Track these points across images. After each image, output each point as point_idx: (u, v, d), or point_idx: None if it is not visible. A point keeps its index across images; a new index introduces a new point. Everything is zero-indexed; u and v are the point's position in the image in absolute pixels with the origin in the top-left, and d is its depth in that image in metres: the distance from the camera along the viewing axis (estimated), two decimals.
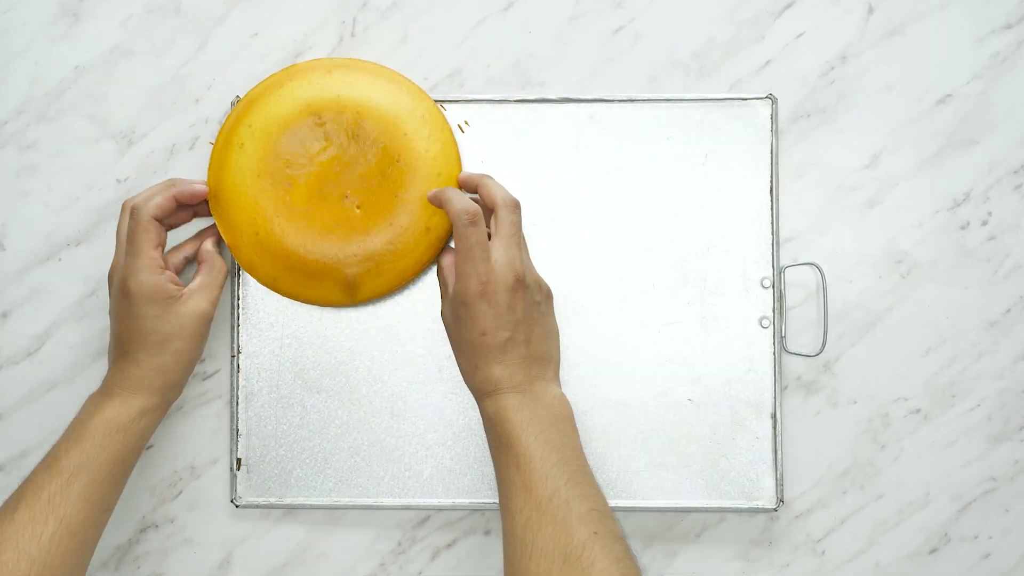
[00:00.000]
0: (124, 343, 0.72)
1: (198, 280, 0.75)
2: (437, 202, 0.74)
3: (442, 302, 0.76)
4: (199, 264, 0.76)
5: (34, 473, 0.69)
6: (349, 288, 0.77)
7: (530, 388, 0.71)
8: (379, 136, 0.76)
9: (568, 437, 0.70)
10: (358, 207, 0.76)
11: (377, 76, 0.78)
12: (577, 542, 0.64)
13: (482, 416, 0.72)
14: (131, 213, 0.73)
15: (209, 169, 0.77)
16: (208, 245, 0.77)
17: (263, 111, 0.76)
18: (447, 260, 0.76)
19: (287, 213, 0.76)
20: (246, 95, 0.78)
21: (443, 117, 0.78)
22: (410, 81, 0.78)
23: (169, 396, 0.74)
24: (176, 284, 0.73)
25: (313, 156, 0.76)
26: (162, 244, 0.73)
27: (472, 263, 0.71)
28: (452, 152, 0.78)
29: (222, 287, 0.76)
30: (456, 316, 0.72)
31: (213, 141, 0.79)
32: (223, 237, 0.77)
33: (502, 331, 0.71)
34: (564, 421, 0.71)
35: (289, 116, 0.76)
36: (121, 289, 0.72)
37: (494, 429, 0.70)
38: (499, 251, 0.71)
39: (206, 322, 0.74)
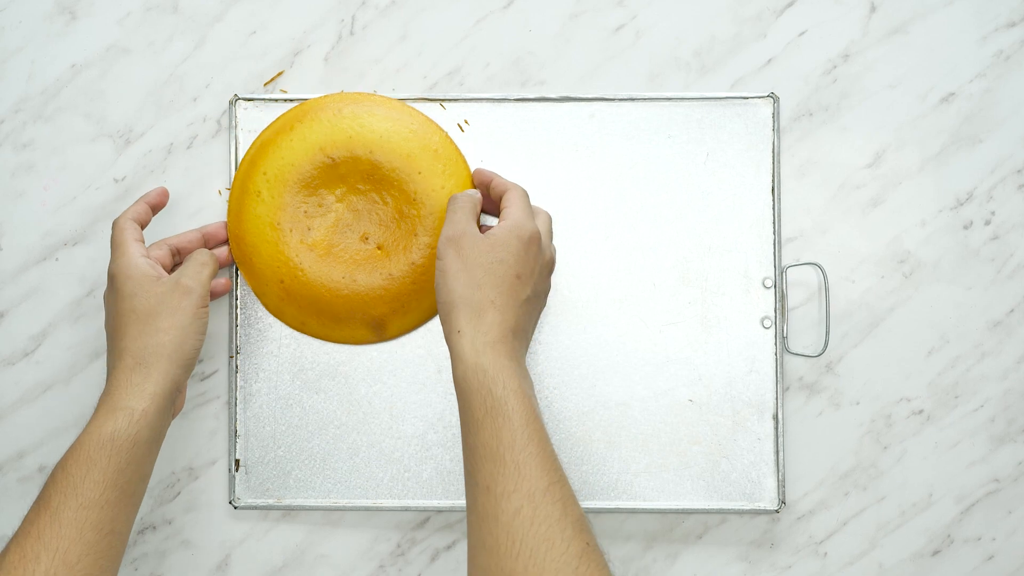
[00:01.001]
0: (111, 335, 0.71)
1: (182, 266, 0.73)
2: (483, 178, 0.76)
3: (455, 223, 0.71)
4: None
5: (29, 511, 0.66)
6: (377, 328, 0.77)
7: (523, 362, 0.69)
8: (394, 176, 0.76)
9: None
10: (379, 247, 0.76)
11: (387, 110, 0.77)
12: (573, 552, 0.60)
13: (464, 365, 0.66)
14: (112, 226, 0.74)
15: (228, 215, 0.77)
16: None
17: (276, 157, 0.76)
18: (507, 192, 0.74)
19: (309, 259, 0.76)
20: (258, 137, 0.78)
21: (455, 147, 0.77)
22: (419, 111, 0.78)
23: (160, 387, 0.68)
24: (158, 270, 0.72)
25: (330, 201, 0.76)
26: (143, 241, 0.74)
27: (531, 219, 0.71)
28: (467, 183, 0.77)
29: (209, 268, 0.73)
30: (500, 243, 0.69)
31: (229, 188, 0.79)
32: (248, 284, 0.78)
33: (528, 286, 0.70)
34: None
35: (302, 161, 0.76)
36: (107, 283, 0.72)
37: (487, 388, 0.65)
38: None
39: (188, 296, 0.70)
